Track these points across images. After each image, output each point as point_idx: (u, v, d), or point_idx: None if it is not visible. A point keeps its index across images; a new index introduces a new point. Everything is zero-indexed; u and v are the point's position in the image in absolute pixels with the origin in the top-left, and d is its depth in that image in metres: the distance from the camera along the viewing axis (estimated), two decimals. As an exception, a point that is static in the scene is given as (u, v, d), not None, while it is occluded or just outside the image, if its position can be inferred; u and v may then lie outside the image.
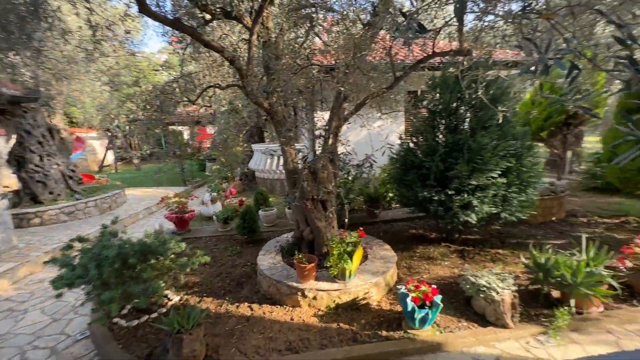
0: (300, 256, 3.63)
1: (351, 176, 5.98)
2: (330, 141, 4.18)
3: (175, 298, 3.96)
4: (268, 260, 4.30)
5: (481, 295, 3.33)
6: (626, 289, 3.59)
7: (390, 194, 7.34)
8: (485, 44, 2.93)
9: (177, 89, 4.07)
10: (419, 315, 3.06)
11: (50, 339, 3.63)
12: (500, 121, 4.06)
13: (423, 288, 3.17)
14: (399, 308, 3.56)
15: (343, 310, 3.58)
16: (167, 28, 4.14)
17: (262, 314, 3.60)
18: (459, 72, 3.11)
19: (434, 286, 3.21)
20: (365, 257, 4.33)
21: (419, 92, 5.04)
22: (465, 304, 3.63)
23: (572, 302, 3.32)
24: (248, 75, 3.51)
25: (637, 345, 3.00)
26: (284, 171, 4.45)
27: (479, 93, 3.36)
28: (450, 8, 2.87)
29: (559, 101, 1.26)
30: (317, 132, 4.65)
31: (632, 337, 3.11)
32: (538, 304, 3.56)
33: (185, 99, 3.96)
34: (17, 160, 7.86)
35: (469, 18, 2.70)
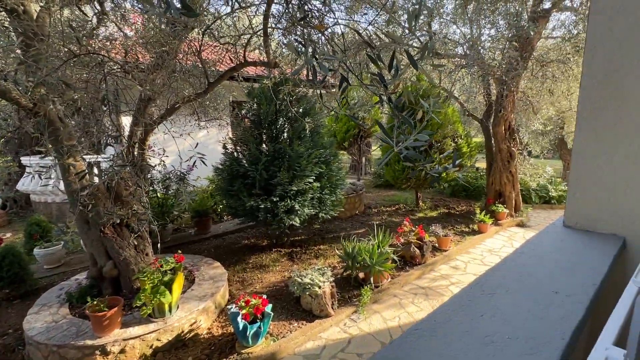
0: (94, 302, 2.76)
1: (171, 191, 5.24)
2: (135, 150, 3.45)
3: None
4: (45, 318, 3.07)
5: (307, 292, 3.58)
6: (401, 260, 4.78)
7: (221, 206, 7.00)
8: (290, 60, 3.19)
9: None
10: (250, 331, 2.93)
11: None
12: (309, 132, 4.57)
13: (253, 302, 3.07)
14: (232, 329, 3.32)
15: (165, 353, 2.98)
16: None
17: (33, 401, 2.49)
18: (272, 85, 3.24)
19: (264, 297, 3.18)
20: (192, 282, 3.84)
21: (230, 101, 4.98)
22: (295, 304, 3.81)
23: (372, 279, 4.10)
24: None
25: (412, 299, 4.04)
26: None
27: (292, 107, 3.65)
28: (259, 20, 2.95)
29: (333, 109, 1.45)
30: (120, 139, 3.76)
31: (407, 295, 4.16)
32: (350, 286, 4.19)
33: None
34: None
35: (275, 33, 2.85)
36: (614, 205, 1.45)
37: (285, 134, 5.01)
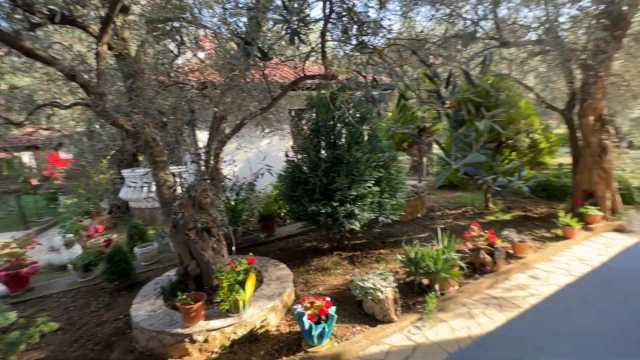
0: (184, 296, 3.19)
1: (240, 197, 5.74)
2: (211, 163, 3.89)
3: (4, 390, 2.89)
4: (146, 307, 3.64)
5: (369, 297, 3.61)
6: (470, 267, 4.49)
7: (284, 211, 7.40)
8: (347, 70, 3.28)
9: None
10: (316, 331, 3.08)
11: None
12: (366, 137, 4.60)
13: (318, 303, 3.21)
14: (298, 328, 3.52)
15: (240, 345, 3.30)
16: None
17: (140, 376, 2.98)
18: (329, 94, 3.37)
19: (328, 299, 3.30)
20: (260, 281, 4.16)
21: (292, 112, 5.26)
22: (357, 308, 3.87)
23: (437, 286, 3.94)
24: (99, 93, 2.95)
25: (484, 310, 3.78)
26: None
27: (349, 113, 3.74)
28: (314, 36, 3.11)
29: (390, 127, 1.48)
30: (200, 154, 4.30)
31: (477, 305, 3.90)
32: (414, 293, 4.09)
33: (4, 120, 3.04)
34: None
35: (330, 45, 2.97)
36: None
37: (343, 140, 5.12)
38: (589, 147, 5.93)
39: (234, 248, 3.45)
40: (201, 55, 4.43)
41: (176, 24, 3.86)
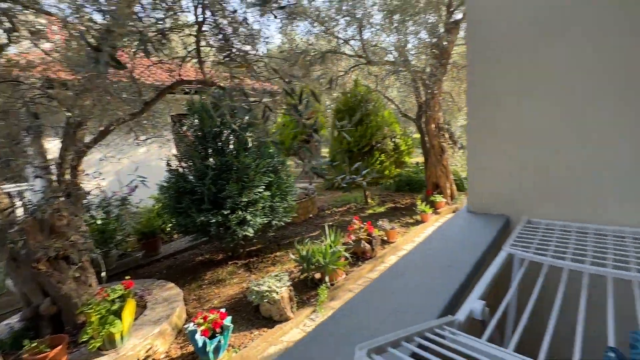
0: (34, 344, 2.57)
1: (112, 216, 4.95)
2: (65, 177, 3.25)
3: None
4: (-29, 372, 2.76)
5: (265, 300, 3.67)
6: (354, 256, 5.09)
7: (170, 225, 6.73)
8: (233, 76, 3.28)
9: None
10: (211, 346, 2.96)
11: None
12: (250, 144, 4.69)
13: (211, 317, 3.09)
14: (192, 348, 3.29)
15: (119, 384, 2.87)
16: None
17: None
18: (211, 100, 3.29)
19: (222, 310, 3.21)
20: (143, 307, 3.70)
21: (172, 118, 4.91)
22: (255, 313, 3.88)
23: (327, 278, 4.32)
24: None
25: (364, 293, 4.35)
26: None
27: (236, 119, 3.72)
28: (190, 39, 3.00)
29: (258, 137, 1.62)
30: (50, 167, 3.49)
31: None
32: (308, 288, 4.37)
33: None
34: None
35: (206, 51, 2.91)
36: (500, 192, 1.81)
37: (232, 146, 5.04)
38: (433, 149, 7.52)
39: (104, 274, 2.97)
40: (47, 46, 3.65)
41: (3, 5, 3.07)
